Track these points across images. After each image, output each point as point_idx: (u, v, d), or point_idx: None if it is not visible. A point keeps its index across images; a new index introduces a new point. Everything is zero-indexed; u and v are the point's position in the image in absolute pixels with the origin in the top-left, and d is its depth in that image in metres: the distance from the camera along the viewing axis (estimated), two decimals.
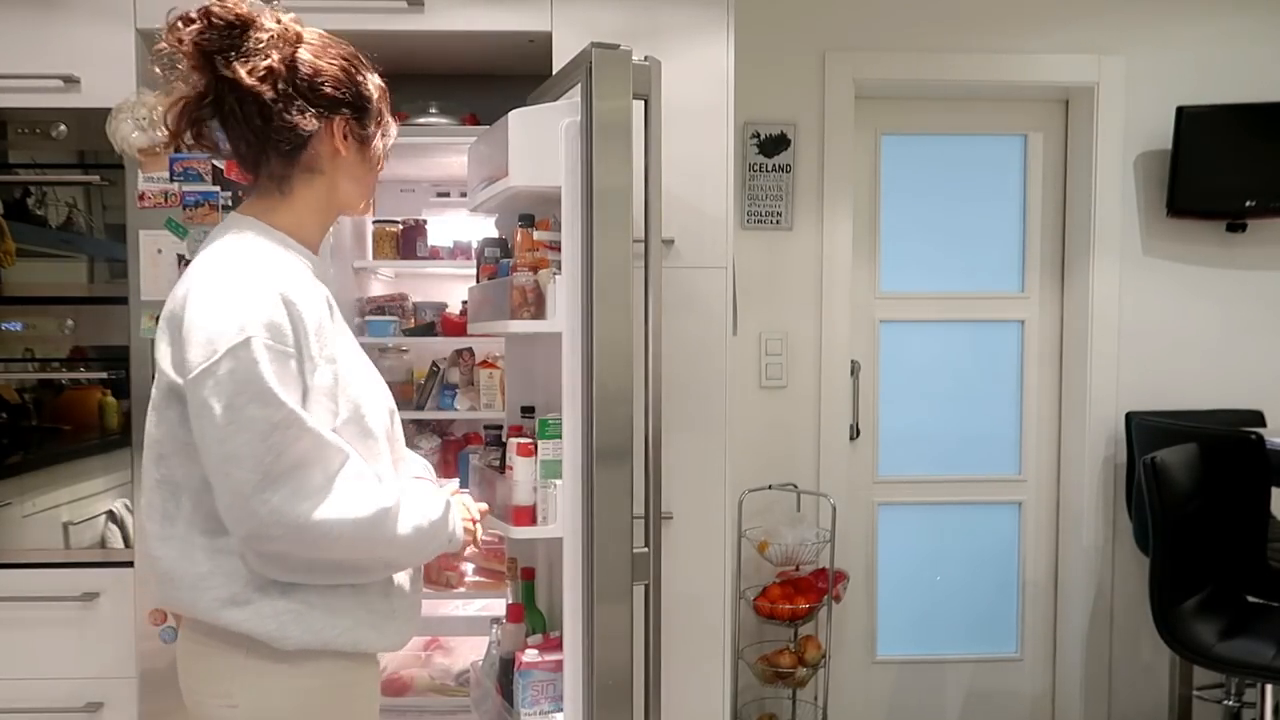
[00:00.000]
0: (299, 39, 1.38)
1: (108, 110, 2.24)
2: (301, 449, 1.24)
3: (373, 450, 1.37)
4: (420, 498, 1.39)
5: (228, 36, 1.32)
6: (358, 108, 1.42)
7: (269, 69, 1.32)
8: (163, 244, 2.28)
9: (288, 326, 1.27)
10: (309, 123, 1.35)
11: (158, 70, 1.38)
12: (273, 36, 1.34)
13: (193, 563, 1.30)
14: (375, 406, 1.41)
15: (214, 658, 1.32)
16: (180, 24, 1.32)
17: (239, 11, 1.33)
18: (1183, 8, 3.15)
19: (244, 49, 1.32)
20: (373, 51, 1.50)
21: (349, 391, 1.35)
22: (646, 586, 1.90)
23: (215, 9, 1.32)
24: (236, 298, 1.25)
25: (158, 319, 2.19)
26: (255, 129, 1.34)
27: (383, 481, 1.35)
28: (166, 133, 1.38)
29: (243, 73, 1.31)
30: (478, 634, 2.51)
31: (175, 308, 1.30)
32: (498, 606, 2.34)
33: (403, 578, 1.43)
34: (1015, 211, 3.36)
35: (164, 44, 1.34)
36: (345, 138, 1.41)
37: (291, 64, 1.35)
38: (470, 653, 2.59)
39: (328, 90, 1.38)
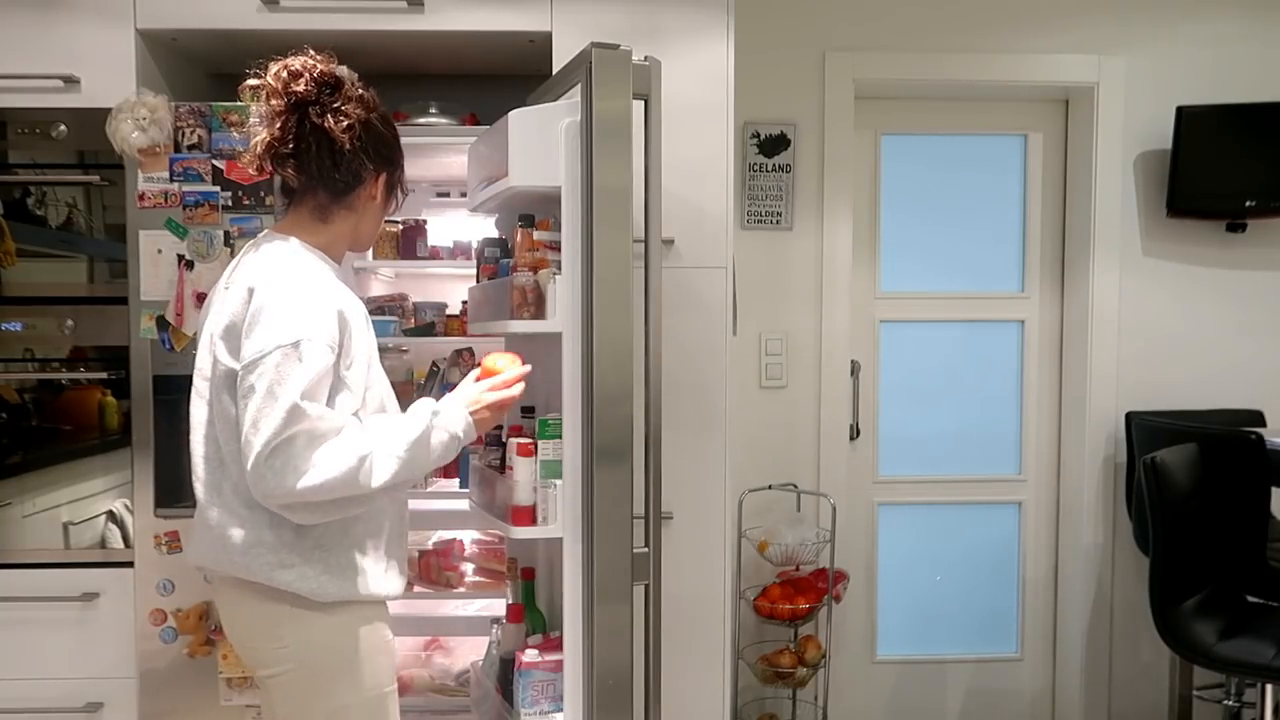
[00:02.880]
0: (374, 106, 1.69)
1: (108, 110, 2.24)
2: (304, 429, 1.51)
3: None
4: (394, 433, 1.61)
5: (322, 92, 1.62)
6: (395, 168, 1.76)
7: (350, 125, 1.63)
8: (163, 244, 2.28)
9: (336, 331, 1.56)
10: (366, 173, 1.68)
11: (246, 101, 1.70)
12: (355, 100, 1.65)
13: (243, 532, 1.60)
14: (391, 396, 1.74)
15: (264, 610, 1.62)
16: (285, 74, 1.61)
17: (335, 73, 1.64)
18: (1183, 8, 3.15)
19: (333, 105, 1.62)
20: (373, 51, 1.53)
21: (378, 387, 1.69)
22: (646, 586, 1.90)
23: (319, 65, 1.63)
24: (296, 305, 1.54)
25: (158, 319, 2.30)
26: (323, 169, 1.64)
27: (363, 437, 1.58)
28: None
29: (331, 124, 1.61)
30: (478, 634, 2.51)
31: (238, 314, 1.57)
32: (498, 606, 2.35)
33: (394, 543, 1.72)
34: (1015, 211, 3.36)
35: (264, 84, 1.63)
36: (381, 189, 1.74)
37: (366, 124, 1.66)
38: (470, 653, 2.59)
39: (383, 151, 1.71)
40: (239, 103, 2.30)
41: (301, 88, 1.61)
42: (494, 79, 2.75)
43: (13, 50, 2.36)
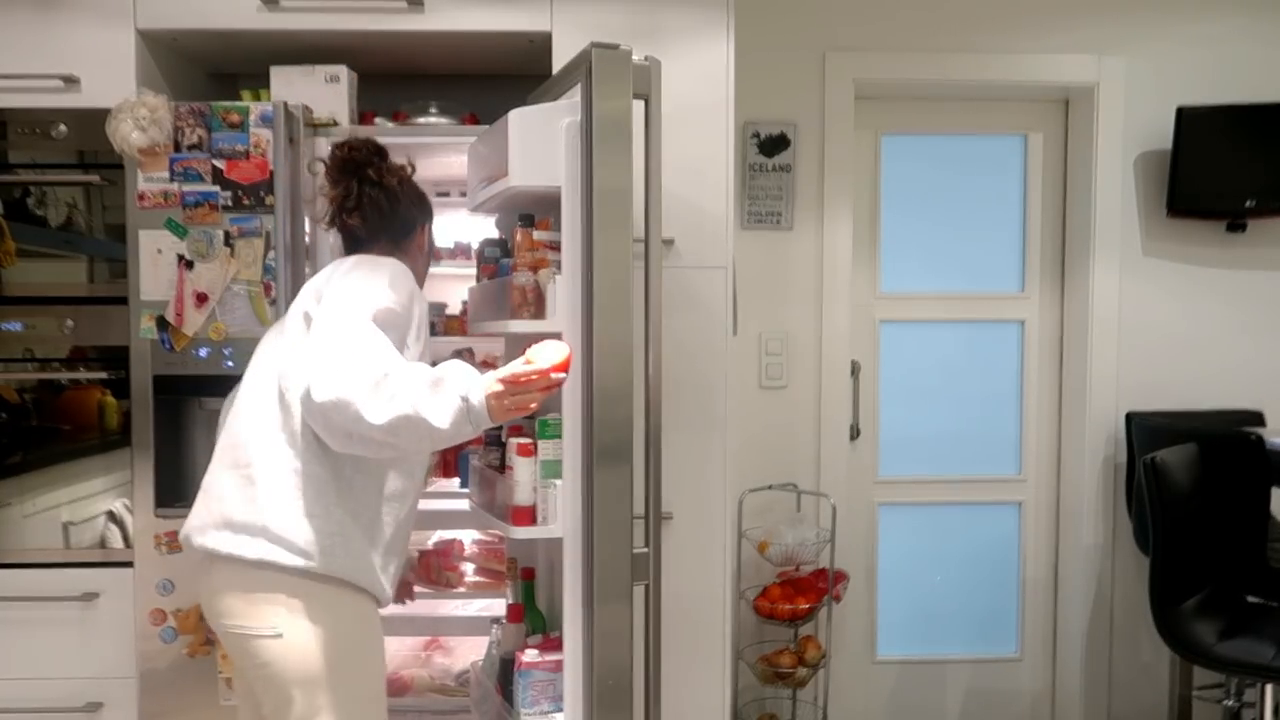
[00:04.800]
0: (411, 170, 2.02)
1: (108, 110, 2.24)
2: (358, 348, 1.61)
3: None
4: (421, 371, 1.63)
5: (372, 155, 1.95)
6: (431, 220, 2.07)
7: (398, 178, 1.97)
8: (163, 244, 2.28)
9: (406, 296, 1.76)
10: (415, 221, 2.00)
11: (320, 167, 2.11)
12: (396, 166, 1.99)
13: (277, 487, 1.69)
14: None
15: (262, 595, 1.69)
16: (345, 149, 1.95)
17: (380, 144, 1.98)
18: (1183, 8, 3.15)
19: (380, 165, 1.95)
20: (373, 51, 1.53)
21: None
22: (646, 586, 1.90)
23: (372, 140, 1.97)
24: (373, 269, 1.78)
25: (158, 319, 2.32)
26: (383, 213, 1.93)
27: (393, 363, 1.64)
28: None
29: (385, 175, 1.95)
30: (478, 634, 2.51)
31: (320, 282, 1.80)
32: (498, 606, 2.35)
33: (394, 543, 1.81)
34: (1015, 211, 3.36)
35: (332, 154, 1.96)
36: (426, 238, 2.05)
37: (408, 181, 2.00)
38: (470, 653, 2.59)
39: (424, 204, 2.04)
40: (239, 103, 2.30)
41: (358, 155, 1.93)
42: (494, 79, 2.75)
43: (13, 50, 2.36)
